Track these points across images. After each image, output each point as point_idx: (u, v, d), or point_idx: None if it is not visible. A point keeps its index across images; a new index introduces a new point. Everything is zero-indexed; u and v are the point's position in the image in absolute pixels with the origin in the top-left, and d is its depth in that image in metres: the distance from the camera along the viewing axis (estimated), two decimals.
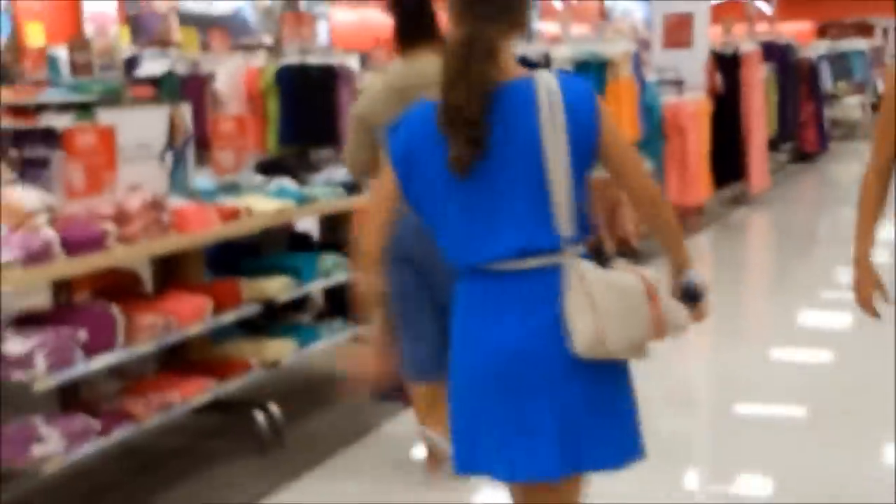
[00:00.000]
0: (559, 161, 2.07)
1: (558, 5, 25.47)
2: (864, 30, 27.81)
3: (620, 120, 7.30)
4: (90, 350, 3.23)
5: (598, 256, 2.38)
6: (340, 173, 4.91)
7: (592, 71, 7.39)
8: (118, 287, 3.83)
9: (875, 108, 20.09)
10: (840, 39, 19.87)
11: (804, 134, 13.76)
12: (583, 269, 2.10)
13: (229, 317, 3.87)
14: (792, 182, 12.38)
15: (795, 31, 20.00)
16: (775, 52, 12.00)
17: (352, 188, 4.70)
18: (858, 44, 19.28)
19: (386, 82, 3.50)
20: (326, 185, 4.64)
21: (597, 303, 2.07)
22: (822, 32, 28.04)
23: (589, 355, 2.10)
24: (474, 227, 2.12)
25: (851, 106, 17.30)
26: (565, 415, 2.11)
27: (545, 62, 7.56)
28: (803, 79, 13.48)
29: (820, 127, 14.20)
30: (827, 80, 14.87)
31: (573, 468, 2.14)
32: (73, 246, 3.23)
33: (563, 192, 2.08)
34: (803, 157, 13.89)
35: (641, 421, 2.25)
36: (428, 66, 3.42)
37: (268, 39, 14.06)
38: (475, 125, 2.05)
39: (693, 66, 9.55)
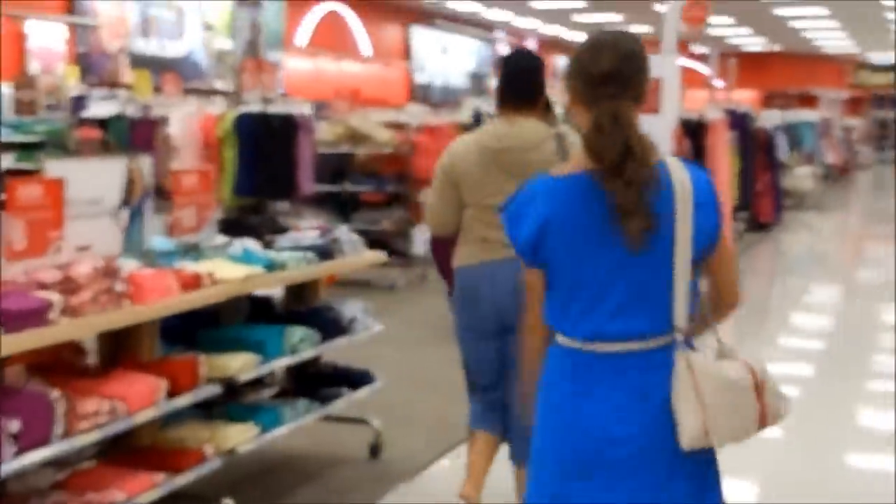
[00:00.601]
0: (686, 251, 2.10)
1: None
2: (808, 101, 28.32)
3: None
4: (23, 443, 2.75)
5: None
6: (309, 236, 4.49)
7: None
8: (59, 362, 3.35)
9: (826, 178, 20.33)
10: (785, 109, 20.09)
11: (759, 203, 13.69)
12: (692, 359, 2.10)
13: (184, 400, 3.41)
14: (752, 252, 12.24)
15: (744, 100, 20.17)
16: (735, 121, 11.91)
17: (324, 253, 4.29)
18: (808, 115, 19.46)
19: (480, 141, 3.46)
20: (295, 250, 4.22)
21: (705, 398, 2.08)
22: (766, 102, 28.48)
23: (692, 447, 2.10)
24: (602, 300, 2.13)
25: (802, 176, 17.37)
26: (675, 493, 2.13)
27: None
28: (760, 148, 13.44)
29: (775, 197, 14.17)
30: (783, 150, 14.89)
31: None
32: (10, 320, 2.77)
33: (685, 281, 2.11)
34: (759, 226, 13.82)
35: None
36: (528, 130, 3.41)
37: (220, 84, 13.66)
38: (649, 203, 2.07)
39: (662, 132, 9.33)
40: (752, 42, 27.40)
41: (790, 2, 19.81)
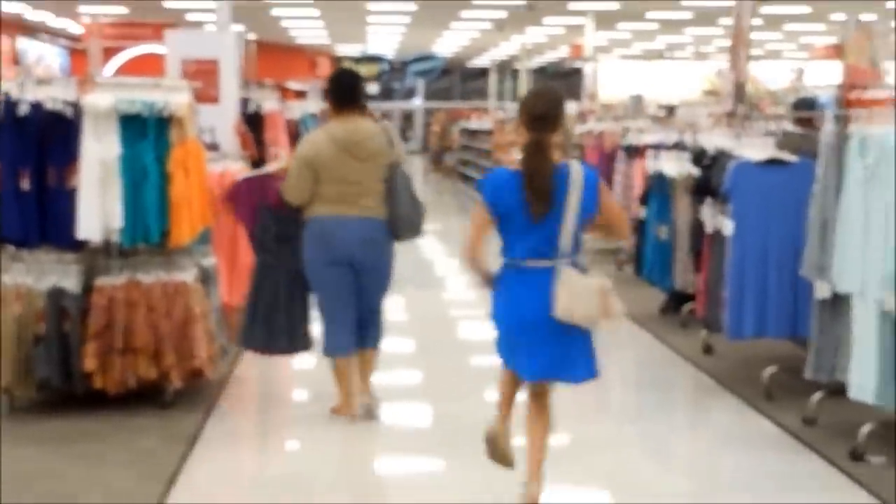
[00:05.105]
0: (573, 215, 3.97)
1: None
2: (284, 91, 28.02)
3: (192, 202, 5.34)
4: None
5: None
6: None
7: (151, 130, 5.25)
8: None
9: None
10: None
11: None
12: (565, 269, 3.97)
13: None
14: None
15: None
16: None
17: None
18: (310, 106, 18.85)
19: (329, 134, 5.14)
20: None
21: (571, 290, 3.93)
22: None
23: (563, 319, 3.94)
24: (524, 239, 4.01)
25: None
26: (554, 348, 4.02)
27: (74, 112, 5.23)
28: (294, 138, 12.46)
29: None
30: None
31: (555, 376, 4.09)
32: None
33: (570, 229, 3.98)
34: None
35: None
36: (365, 127, 5.19)
37: None
38: (549, 191, 3.95)
39: (225, 125, 7.74)
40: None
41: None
